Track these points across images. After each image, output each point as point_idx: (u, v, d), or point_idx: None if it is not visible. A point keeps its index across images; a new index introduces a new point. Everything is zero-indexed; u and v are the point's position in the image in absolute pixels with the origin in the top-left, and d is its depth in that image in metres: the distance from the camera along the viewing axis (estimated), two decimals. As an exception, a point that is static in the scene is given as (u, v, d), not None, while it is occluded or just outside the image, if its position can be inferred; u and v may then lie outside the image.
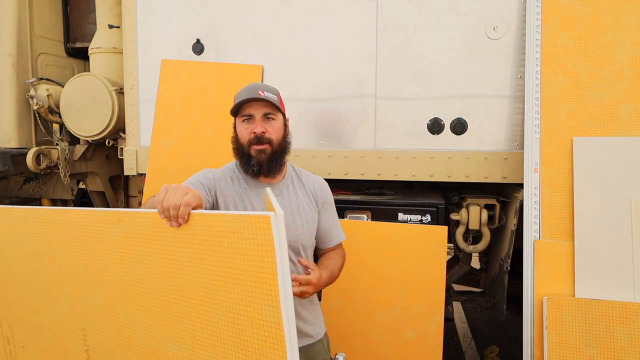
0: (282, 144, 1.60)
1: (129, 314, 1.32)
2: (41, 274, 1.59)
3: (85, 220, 1.40)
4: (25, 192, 3.87)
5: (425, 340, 2.29)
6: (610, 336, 1.89)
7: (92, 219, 1.38)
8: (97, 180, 3.57)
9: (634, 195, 1.99)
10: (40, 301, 1.62)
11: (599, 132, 2.09)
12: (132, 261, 1.28)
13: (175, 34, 2.83)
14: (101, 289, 1.38)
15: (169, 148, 2.74)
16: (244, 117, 1.57)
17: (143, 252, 1.25)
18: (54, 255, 1.52)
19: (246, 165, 1.56)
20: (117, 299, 1.34)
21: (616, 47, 2.12)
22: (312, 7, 2.60)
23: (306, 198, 1.64)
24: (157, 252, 1.22)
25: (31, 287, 1.64)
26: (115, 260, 1.32)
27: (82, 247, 1.43)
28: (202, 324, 1.14)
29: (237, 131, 1.62)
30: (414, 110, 2.51)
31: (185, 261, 1.15)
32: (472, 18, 2.40)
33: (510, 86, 2.39)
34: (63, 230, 1.48)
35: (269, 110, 1.56)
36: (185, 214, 1.10)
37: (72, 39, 3.61)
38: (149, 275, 1.24)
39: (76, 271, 1.46)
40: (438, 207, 2.44)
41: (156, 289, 1.23)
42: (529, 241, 2.10)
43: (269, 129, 1.56)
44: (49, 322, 1.60)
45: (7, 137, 3.25)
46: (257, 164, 1.54)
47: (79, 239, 1.43)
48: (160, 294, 1.22)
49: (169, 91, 2.79)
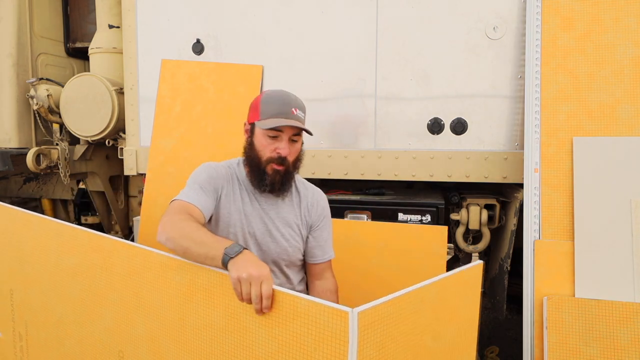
0: (296, 164, 1.56)
1: (179, 353, 1.32)
2: (77, 291, 1.61)
3: (144, 259, 1.41)
4: (25, 192, 3.87)
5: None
6: (610, 336, 1.89)
7: (151, 259, 1.38)
8: (97, 180, 3.57)
9: (634, 195, 1.99)
10: (70, 315, 1.65)
11: (599, 132, 2.09)
12: (192, 308, 1.28)
13: (175, 34, 2.83)
14: (148, 322, 1.39)
15: (169, 148, 2.74)
16: (271, 133, 1.48)
17: (205, 303, 1.25)
18: (94, 276, 1.54)
19: (259, 181, 1.52)
20: (168, 338, 1.35)
21: (616, 47, 2.12)
22: (312, 7, 2.60)
23: (297, 214, 1.62)
24: (219, 307, 1.22)
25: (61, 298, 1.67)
26: (171, 302, 1.33)
27: (128, 280, 1.44)
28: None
29: (256, 141, 1.52)
30: (414, 110, 2.51)
31: (250, 324, 1.15)
32: (472, 18, 2.40)
33: (510, 86, 2.39)
34: (110, 259, 1.50)
35: (297, 132, 1.50)
36: (269, 306, 1.08)
37: (72, 39, 3.61)
38: (209, 326, 1.25)
39: (118, 297, 1.47)
40: (438, 207, 2.44)
41: (216, 339, 1.24)
42: (529, 241, 2.10)
43: (292, 151, 1.51)
44: (80, 337, 1.62)
45: (7, 137, 3.25)
46: (271, 183, 1.50)
47: (127, 272, 1.44)
48: (219, 345, 1.23)
49: (169, 91, 2.79)
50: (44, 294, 1.74)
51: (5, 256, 1.91)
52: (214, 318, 1.24)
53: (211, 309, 1.24)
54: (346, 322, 0.98)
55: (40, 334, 1.78)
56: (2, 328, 1.94)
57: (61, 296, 1.68)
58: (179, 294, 1.31)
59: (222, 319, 1.22)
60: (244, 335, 1.17)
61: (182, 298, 1.31)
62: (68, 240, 1.65)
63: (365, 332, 0.99)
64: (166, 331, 1.35)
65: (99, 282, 1.55)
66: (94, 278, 1.56)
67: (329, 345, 1.01)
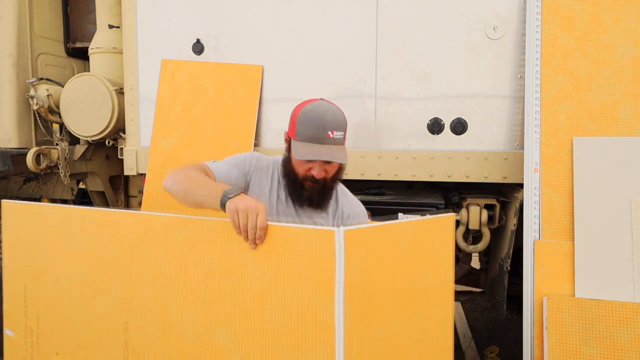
0: (335, 178, 1.52)
1: (181, 309, 1.38)
2: (87, 270, 1.66)
3: (148, 223, 1.47)
4: (25, 192, 3.87)
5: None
6: (610, 336, 1.89)
7: (158, 222, 1.44)
8: (97, 180, 3.57)
9: (634, 195, 1.99)
10: (80, 296, 1.69)
11: (599, 132, 2.09)
12: (192, 260, 1.34)
13: (175, 34, 2.83)
14: (154, 285, 1.45)
15: (169, 148, 2.74)
16: None
17: (204, 252, 1.31)
18: (103, 252, 1.60)
19: (297, 195, 1.49)
20: (171, 295, 1.40)
21: (616, 47, 2.12)
22: (312, 7, 2.60)
23: (329, 223, 1.57)
24: (218, 252, 1.29)
25: (72, 282, 1.72)
26: (174, 259, 1.39)
27: (135, 247, 1.50)
28: (255, 316, 1.22)
29: (293, 156, 1.47)
30: (414, 110, 2.51)
31: (247, 261, 1.23)
32: (472, 18, 2.40)
33: (510, 86, 2.39)
34: (117, 231, 1.56)
35: None
36: (263, 236, 1.16)
37: (72, 39, 3.61)
38: (209, 274, 1.31)
39: (126, 268, 1.53)
40: (438, 207, 2.44)
41: (214, 285, 1.30)
42: (529, 241, 2.10)
43: (329, 170, 1.46)
44: (86, 317, 1.66)
45: (7, 137, 3.25)
46: (308, 198, 1.48)
47: (134, 239, 1.50)
48: (218, 290, 1.30)
49: (169, 91, 2.79)
50: (57, 281, 1.79)
51: (19, 253, 1.94)
52: (213, 266, 1.30)
53: (210, 257, 1.30)
54: (333, 240, 1.06)
55: (52, 323, 1.81)
56: (14, 327, 1.96)
57: (73, 281, 1.72)
58: (180, 251, 1.36)
59: (219, 263, 1.28)
60: (241, 276, 1.24)
61: (183, 254, 1.36)
62: (78, 222, 1.70)
63: (350, 249, 1.08)
64: (169, 290, 1.40)
65: (107, 258, 1.59)
66: (103, 255, 1.60)
67: (320, 267, 1.10)
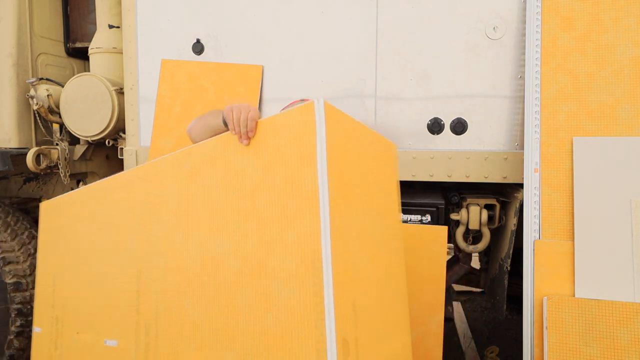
0: None
1: (187, 237, 1.47)
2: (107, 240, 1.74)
3: (157, 168, 1.60)
4: (25, 192, 3.87)
5: (425, 340, 2.29)
6: (610, 336, 1.89)
7: (166, 162, 1.58)
8: (97, 180, 3.57)
9: (634, 195, 1.99)
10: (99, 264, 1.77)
11: (599, 132, 2.09)
12: (197, 186, 1.46)
13: (175, 34, 2.83)
14: (164, 223, 1.54)
15: (169, 148, 2.74)
16: None
17: (207, 173, 1.43)
18: (120, 215, 1.69)
19: None
20: (179, 227, 1.49)
21: (616, 47, 2.12)
22: (312, 7, 2.60)
23: None
24: (219, 166, 1.41)
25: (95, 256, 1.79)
26: (181, 191, 1.50)
27: (148, 196, 1.62)
28: (248, 212, 1.32)
29: None
30: (414, 110, 2.51)
31: (243, 161, 1.35)
32: (472, 18, 2.40)
33: (510, 86, 2.39)
34: (132, 188, 1.67)
35: None
36: (254, 128, 1.31)
37: (72, 39, 3.61)
38: (210, 190, 1.43)
39: (140, 221, 1.62)
40: (438, 207, 2.44)
41: (214, 198, 1.41)
42: (529, 241, 2.10)
43: None
44: (103, 282, 1.73)
45: (7, 137, 3.25)
46: None
47: (146, 189, 1.62)
48: (217, 202, 1.40)
49: (169, 91, 2.79)
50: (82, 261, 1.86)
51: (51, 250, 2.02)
52: (214, 180, 1.41)
53: (211, 175, 1.42)
54: (313, 109, 1.19)
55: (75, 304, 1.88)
56: (41, 322, 1.98)
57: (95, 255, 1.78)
58: (187, 181, 1.48)
59: (221, 175, 1.39)
60: (237, 178, 1.35)
61: (190, 182, 1.47)
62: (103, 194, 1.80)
63: (330, 119, 1.21)
64: (177, 222, 1.49)
65: (123, 220, 1.67)
66: (120, 219, 1.69)
67: (304, 140, 1.21)
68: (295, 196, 1.22)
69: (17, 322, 3.09)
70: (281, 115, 1.30)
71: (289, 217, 1.23)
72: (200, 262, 1.41)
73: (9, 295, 3.08)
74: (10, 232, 3.25)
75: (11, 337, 3.10)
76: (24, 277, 3.14)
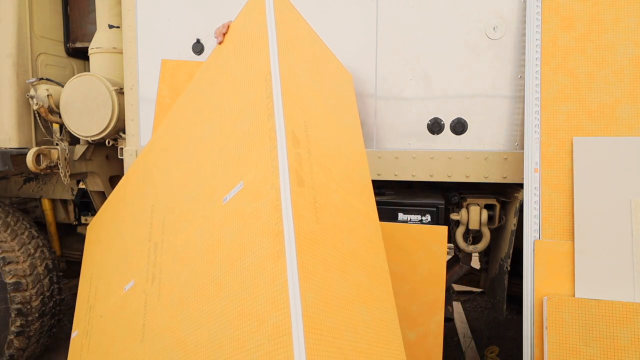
0: None
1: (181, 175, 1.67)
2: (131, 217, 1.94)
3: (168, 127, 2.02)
4: (25, 192, 3.87)
5: (425, 340, 2.29)
6: (610, 336, 1.89)
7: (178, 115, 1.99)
8: (97, 180, 3.57)
9: (634, 195, 1.99)
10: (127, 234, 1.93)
11: (599, 132, 2.09)
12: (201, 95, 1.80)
13: (175, 34, 2.83)
14: (172, 167, 1.76)
15: (169, 148, 2.74)
16: None
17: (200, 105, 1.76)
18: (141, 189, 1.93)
19: None
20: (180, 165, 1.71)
21: (616, 47, 2.12)
22: (312, 7, 2.60)
23: None
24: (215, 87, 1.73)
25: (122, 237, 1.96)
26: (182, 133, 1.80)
27: (159, 154, 1.95)
28: (224, 112, 1.60)
29: None
30: (414, 110, 2.51)
31: (221, 62, 1.76)
32: (472, 18, 2.40)
33: (510, 86, 2.39)
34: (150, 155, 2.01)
35: None
36: (226, 26, 1.90)
37: (72, 39, 3.61)
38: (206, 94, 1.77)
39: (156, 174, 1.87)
40: (438, 207, 2.44)
41: (206, 98, 1.76)
42: (529, 241, 2.10)
43: None
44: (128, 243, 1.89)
45: (7, 137, 3.25)
46: None
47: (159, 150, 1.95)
48: (207, 100, 1.75)
49: (169, 91, 2.78)
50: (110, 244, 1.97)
51: (90, 257, 2.19)
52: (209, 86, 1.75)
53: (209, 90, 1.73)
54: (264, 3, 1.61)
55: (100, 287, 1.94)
56: (78, 325, 2.02)
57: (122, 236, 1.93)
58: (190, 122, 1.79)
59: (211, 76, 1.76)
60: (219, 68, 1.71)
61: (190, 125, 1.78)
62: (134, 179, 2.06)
63: (280, 11, 1.63)
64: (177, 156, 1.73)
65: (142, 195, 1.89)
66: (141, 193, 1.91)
67: (254, 33, 1.58)
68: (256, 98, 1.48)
69: (17, 322, 3.09)
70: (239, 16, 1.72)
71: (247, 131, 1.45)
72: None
73: (9, 295, 3.08)
74: (10, 232, 3.26)
75: (11, 337, 3.11)
76: (24, 277, 3.14)
